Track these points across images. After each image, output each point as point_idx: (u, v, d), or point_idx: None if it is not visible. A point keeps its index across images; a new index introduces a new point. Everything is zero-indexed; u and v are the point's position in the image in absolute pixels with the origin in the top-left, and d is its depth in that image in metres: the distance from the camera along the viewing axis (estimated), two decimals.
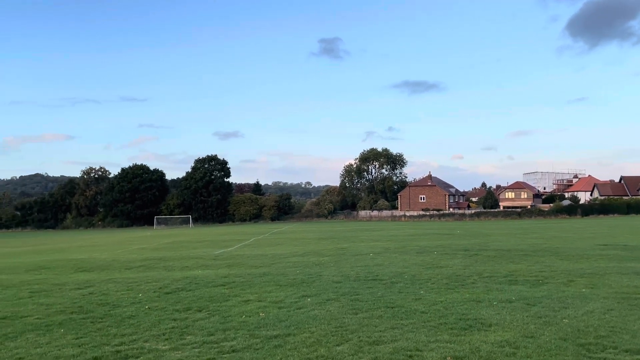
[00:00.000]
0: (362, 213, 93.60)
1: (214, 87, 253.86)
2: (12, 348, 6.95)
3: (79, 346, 6.96)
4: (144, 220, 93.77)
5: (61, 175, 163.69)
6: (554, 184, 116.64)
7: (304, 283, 12.29)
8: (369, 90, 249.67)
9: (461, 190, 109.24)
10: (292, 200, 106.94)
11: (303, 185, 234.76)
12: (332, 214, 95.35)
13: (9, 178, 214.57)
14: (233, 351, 6.55)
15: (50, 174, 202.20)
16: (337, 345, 6.77)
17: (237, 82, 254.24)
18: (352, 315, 8.53)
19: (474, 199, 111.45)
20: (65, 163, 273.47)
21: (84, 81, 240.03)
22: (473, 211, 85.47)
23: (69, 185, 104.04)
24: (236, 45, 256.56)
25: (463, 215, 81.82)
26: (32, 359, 6.39)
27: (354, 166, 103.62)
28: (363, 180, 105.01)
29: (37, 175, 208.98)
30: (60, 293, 11.83)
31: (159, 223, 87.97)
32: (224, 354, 6.46)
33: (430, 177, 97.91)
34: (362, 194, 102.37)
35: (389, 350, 6.44)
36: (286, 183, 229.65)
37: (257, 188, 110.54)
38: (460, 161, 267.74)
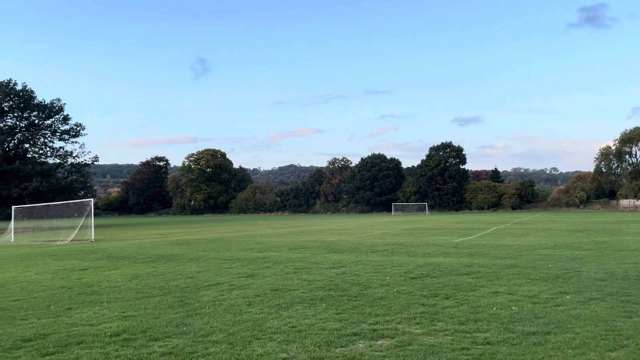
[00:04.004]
0: (624, 202, 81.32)
1: (456, 73, 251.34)
2: (285, 317, 7.94)
3: (340, 321, 7.58)
4: (382, 206, 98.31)
5: (310, 166, 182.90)
6: None
7: (559, 278, 11.20)
8: None
9: None
10: (535, 187, 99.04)
11: (548, 171, 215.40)
12: (584, 203, 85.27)
13: (270, 169, 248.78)
14: (487, 343, 6.31)
15: (302, 165, 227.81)
16: (610, 350, 5.95)
17: (483, 64, 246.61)
18: (625, 318, 7.40)
19: None
20: (314, 154, 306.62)
21: (337, 79, 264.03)
22: None
23: (317, 174, 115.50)
24: (482, 24, 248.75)
25: None
26: (302, 328, 7.19)
27: (613, 148, 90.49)
28: (624, 165, 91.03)
29: (291, 165, 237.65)
30: (318, 271, 13.12)
31: (396, 210, 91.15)
32: (478, 345, 6.27)
33: None
34: (624, 181, 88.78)
35: None
36: (527, 169, 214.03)
37: (495, 175, 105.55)
38: None
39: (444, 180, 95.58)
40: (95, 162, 65.31)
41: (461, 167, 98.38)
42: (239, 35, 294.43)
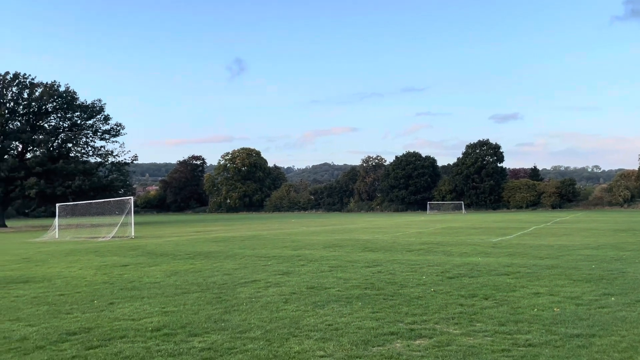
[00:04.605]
0: None
1: (493, 69, 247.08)
2: (321, 315, 7.95)
3: (376, 320, 7.54)
4: (417, 205, 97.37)
5: (344, 164, 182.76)
6: None
7: (603, 279, 10.84)
8: None
9: None
10: (576, 186, 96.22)
11: (589, 170, 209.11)
12: (628, 202, 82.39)
13: (304, 167, 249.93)
14: (529, 345, 6.16)
15: (336, 163, 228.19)
16: None
17: (522, 59, 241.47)
18: None
19: None
20: (348, 153, 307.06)
21: (372, 77, 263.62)
22: None
23: (351, 172, 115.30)
24: (522, 18, 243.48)
25: None
26: (339, 327, 7.18)
27: None
28: None
29: (325, 164, 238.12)
30: (353, 269, 13.09)
31: (431, 208, 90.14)
32: (519, 346, 6.13)
33: None
34: None
35: None
36: (568, 167, 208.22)
37: (534, 173, 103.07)
38: None
39: (481, 179, 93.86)
40: (134, 161, 66.91)
41: (498, 165, 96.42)
42: (275, 35, 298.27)
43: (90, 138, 62.92)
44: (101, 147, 63.82)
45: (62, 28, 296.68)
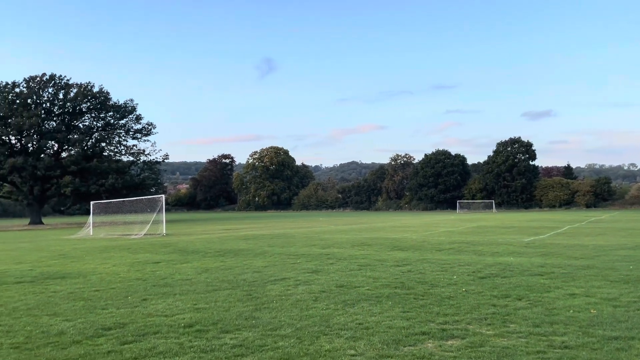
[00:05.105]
0: None
1: (526, 65, 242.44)
2: (351, 313, 7.93)
3: (407, 319, 7.47)
4: (447, 204, 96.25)
5: (372, 162, 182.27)
6: None
7: None
8: None
9: None
10: (612, 184, 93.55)
11: (625, 168, 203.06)
12: None
13: (331, 166, 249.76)
14: (565, 347, 6.01)
15: (364, 161, 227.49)
16: None
17: (555, 55, 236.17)
18: None
19: None
20: (376, 151, 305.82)
21: (402, 74, 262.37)
22: None
23: (379, 171, 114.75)
24: (552, 13, 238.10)
25: None
26: (369, 325, 7.15)
27: None
28: None
29: (352, 162, 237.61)
30: (383, 268, 13.02)
31: (461, 207, 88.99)
32: (555, 348, 5.98)
33: None
34: None
35: None
36: (603, 165, 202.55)
37: (567, 171, 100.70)
38: None
39: (512, 177, 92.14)
40: (165, 160, 68.09)
41: (531, 163, 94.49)
42: (303, 34, 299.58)
43: (123, 137, 64.27)
44: (133, 146, 65.18)
45: (94, 28, 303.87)
